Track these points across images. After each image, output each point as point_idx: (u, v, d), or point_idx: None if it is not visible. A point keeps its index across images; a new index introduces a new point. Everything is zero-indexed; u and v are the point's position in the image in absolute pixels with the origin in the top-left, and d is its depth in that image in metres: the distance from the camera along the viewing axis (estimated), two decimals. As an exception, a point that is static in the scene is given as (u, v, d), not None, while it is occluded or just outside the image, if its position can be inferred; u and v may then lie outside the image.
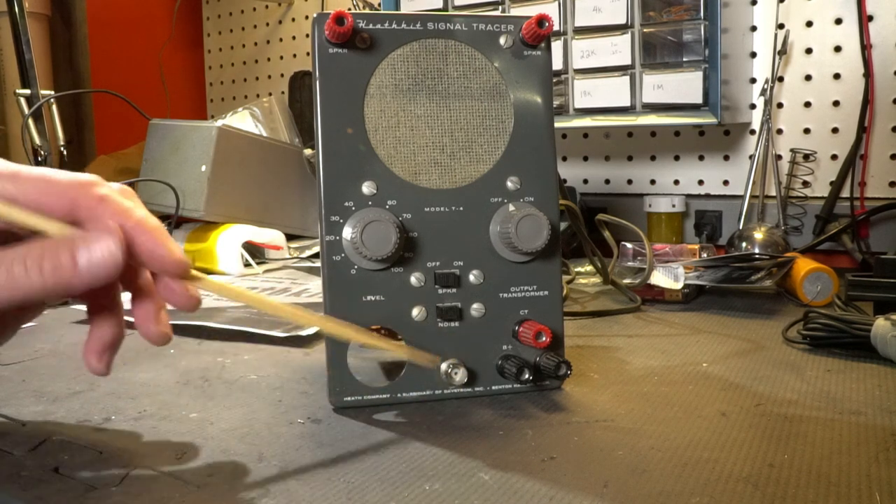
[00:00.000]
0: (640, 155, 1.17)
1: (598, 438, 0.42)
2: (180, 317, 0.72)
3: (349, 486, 0.36)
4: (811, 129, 1.02)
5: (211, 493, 0.36)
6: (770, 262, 0.76)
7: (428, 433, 0.43)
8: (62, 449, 0.41)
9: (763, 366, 0.55)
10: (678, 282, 0.77)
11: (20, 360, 0.60)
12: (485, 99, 0.49)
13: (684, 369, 0.54)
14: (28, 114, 0.88)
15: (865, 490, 0.35)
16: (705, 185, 1.12)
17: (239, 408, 0.48)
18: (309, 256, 1.11)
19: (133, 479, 0.37)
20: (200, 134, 1.06)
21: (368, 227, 0.45)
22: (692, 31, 0.93)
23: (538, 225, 0.47)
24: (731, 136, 1.09)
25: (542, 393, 0.49)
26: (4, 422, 0.46)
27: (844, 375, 0.52)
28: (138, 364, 0.59)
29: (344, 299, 0.47)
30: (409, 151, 0.48)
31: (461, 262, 0.48)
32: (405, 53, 0.48)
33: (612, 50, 0.99)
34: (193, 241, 1.03)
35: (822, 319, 0.59)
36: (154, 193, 1.09)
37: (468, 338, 0.48)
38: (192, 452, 0.40)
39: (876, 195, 0.98)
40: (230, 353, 0.61)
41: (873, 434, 0.41)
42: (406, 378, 0.48)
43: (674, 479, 0.36)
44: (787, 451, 0.39)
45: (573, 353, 0.59)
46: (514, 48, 0.49)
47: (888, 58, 0.95)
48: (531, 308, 0.49)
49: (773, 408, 0.46)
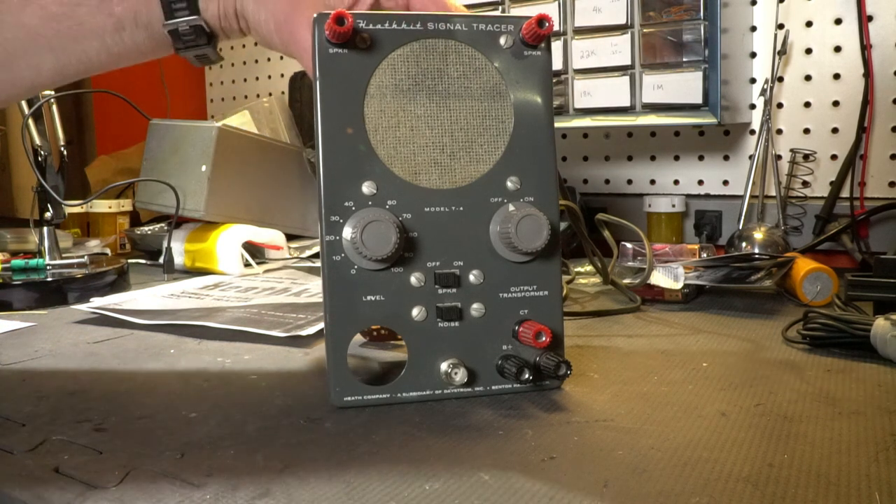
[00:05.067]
0: (640, 155, 1.17)
1: (597, 438, 0.42)
2: (180, 317, 0.72)
3: (349, 486, 0.36)
4: (811, 129, 1.02)
5: (211, 493, 0.36)
6: (770, 262, 0.76)
7: (428, 433, 0.43)
8: (62, 449, 0.41)
9: (763, 366, 0.55)
10: (678, 282, 0.77)
11: (20, 360, 0.60)
12: (485, 99, 0.49)
13: (684, 369, 0.55)
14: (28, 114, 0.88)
15: (865, 490, 0.35)
16: (705, 185, 1.12)
17: (239, 408, 0.48)
18: (309, 256, 1.11)
19: (133, 479, 0.37)
20: (200, 134, 1.06)
21: (368, 227, 0.45)
22: (692, 31, 0.93)
23: (538, 225, 0.47)
24: (730, 136, 1.09)
25: (542, 393, 0.50)
26: (4, 422, 0.46)
27: (844, 375, 0.52)
28: (138, 364, 0.59)
29: (344, 299, 0.47)
30: (409, 151, 0.48)
31: (461, 262, 0.48)
32: (405, 53, 0.48)
33: (612, 50, 0.99)
34: (193, 241, 1.03)
35: (821, 319, 0.59)
36: (154, 193, 1.09)
37: (468, 338, 0.48)
38: (192, 452, 0.40)
39: (876, 195, 0.98)
40: (230, 353, 0.61)
41: (873, 434, 0.41)
42: (406, 378, 0.48)
43: (674, 478, 0.36)
44: (787, 451, 0.39)
45: (573, 353, 0.59)
46: (514, 48, 0.49)
47: (888, 58, 0.95)
48: (531, 308, 0.49)
49: (773, 408, 0.46)
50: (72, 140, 1.46)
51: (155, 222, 1.24)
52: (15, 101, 0.52)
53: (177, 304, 0.79)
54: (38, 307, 0.81)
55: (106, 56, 0.51)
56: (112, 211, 1.24)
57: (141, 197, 1.14)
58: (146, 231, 1.18)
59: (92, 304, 0.78)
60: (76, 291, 0.85)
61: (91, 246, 1.11)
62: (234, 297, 0.83)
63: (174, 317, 0.72)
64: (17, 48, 0.50)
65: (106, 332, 0.69)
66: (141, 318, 0.71)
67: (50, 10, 0.49)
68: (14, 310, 0.80)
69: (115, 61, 0.52)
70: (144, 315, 0.73)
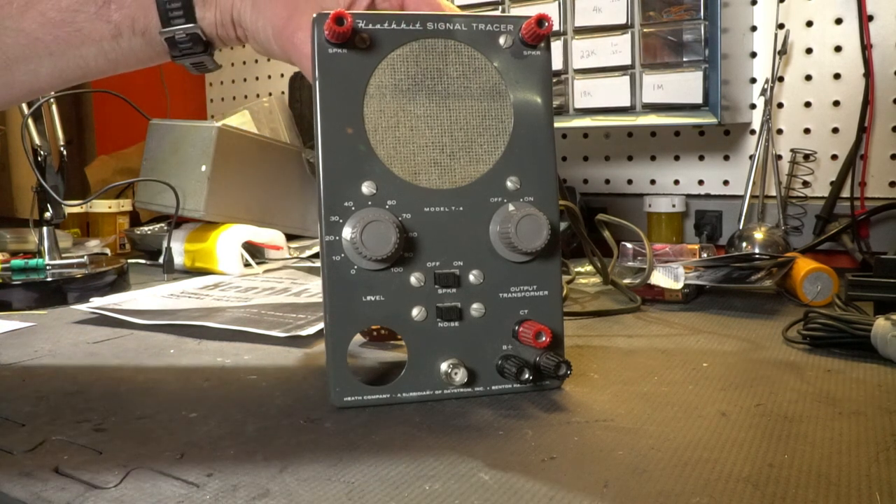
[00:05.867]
0: (640, 155, 1.17)
1: (598, 438, 0.42)
2: (180, 317, 0.72)
3: (349, 486, 0.36)
4: (811, 129, 1.02)
5: (211, 493, 0.36)
6: (770, 262, 0.76)
7: (428, 433, 0.43)
8: (62, 449, 0.41)
9: (763, 366, 0.55)
10: (678, 282, 0.77)
11: (20, 360, 0.60)
12: (484, 99, 0.49)
13: (684, 369, 0.54)
14: (28, 114, 0.88)
15: (865, 490, 0.35)
16: (705, 185, 1.12)
17: (239, 408, 0.48)
18: (309, 256, 1.11)
19: (133, 479, 0.37)
20: (200, 134, 1.06)
21: (368, 227, 0.45)
22: (692, 31, 0.93)
23: (538, 225, 0.47)
24: (731, 136, 1.09)
25: (542, 393, 0.49)
26: (4, 422, 0.46)
27: (844, 375, 0.52)
28: (138, 364, 0.59)
29: (344, 299, 0.47)
30: (408, 151, 0.48)
31: (461, 262, 0.48)
32: (405, 53, 0.48)
33: (612, 50, 0.99)
34: (193, 241, 1.03)
35: (822, 319, 0.59)
36: (154, 193, 1.09)
37: (468, 338, 0.48)
38: (192, 452, 0.40)
39: (876, 195, 0.98)
40: (230, 353, 0.61)
41: (873, 434, 0.41)
42: (406, 378, 0.48)
43: (674, 479, 0.36)
44: (787, 451, 0.39)
45: (573, 353, 0.59)
46: (514, 48, 0.49)
47: (888, 58, 0.95)
48: (531, 308, 0.49)
49: (773, 408, 0.46)
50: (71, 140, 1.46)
51: (155, 222, 1.24)
52: (12, 105, 0.52)
53: (177, 304, 0.79)
54: (38, 307, 0.81)
55: (104, 62, 0.52)
56: (112, 211, 1.24)
57: (141, 197, 1.14)
58: (146, 231, 1.18)
59: (92, 304, 0.78)
60: (76, 291, 0.85)
61: (91, 246, 1.11)
62: (234, 297, 0.83)
63: (174, 317, 0.72)
64: (17, 53, 0.50)
65: (106, 332, 0.69)
66: (141, 318, 0.71)
67: (49, 17, 0.49)
68: (14, 310, 0.80)
69: (112, 67, 0.52)
70: (144, 315, 0.73)
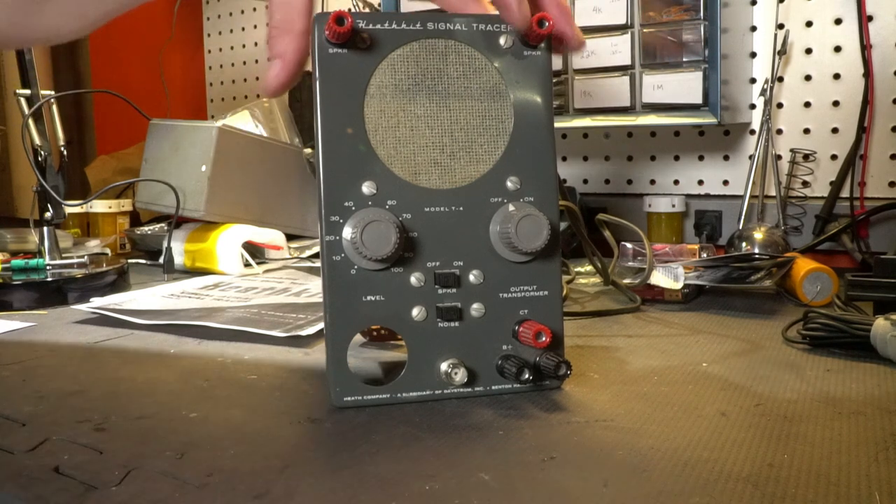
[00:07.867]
0: (640, 155, 1.17)
1: (598, 438, 0.42)
2: (180, 317, 0.72)
3: (349, 486, 0.36)
4: (811, 129, 1.02)
5: (211, 493, 0.36)
6: (770, 262, 0.76)
7: (428, 433, 0.43)
8: (62, 449, 0.41)
9: (763, 366, 0.55)
10: (678, 282, 0.77)
11: (20, 360, 0.60)
12: (485, 99, 0.49)
13: (684, 369, 0.55)
14: (28, 114, 0.88)
15: (865, 490, 0.35)
16: (705, 185, 1.12)
17: (239, 408, 0.48)
18: (309, 256, 1.11)
19: (133, 479, 0.37)
20: (200, 134, 1.06)
21: (368, 227, 0.45)
22: (692, 31, 0.93)
23: (538, 225, 0.47)
24: (730, 136, 1.09)
25: (542, 393, 0.49)
26: (4, 422, 0.46)
27: (844, 375, 0.52)
28: (138, 364, 0.59)
29: (344, 299, 0.47)
30: (409, 151, 0.48)
31: (461, 262, 0.48)
32: (405, 53, 0.48)
33: (612, 50, 0.99)
34: (193, 241, 1.03)
35: (821, 319, 0.59)
36: (154, 193, 1.09)
37: (468, 338, 0.48)
38: (192, 452, 0.40)
39: (876, 195, 0.98)
40: (230, 353, 0.61)
41: (873, 434, 0.41)
42: (406, 378, 0.48)
43: (674, 479, 0.36)
44: (787, 451, 0.39)
45: (573, 353, 0.59)
46: (514, 48, 0.49)
47: (888, 58, 0.95)
48: (531, 308, 0.49)
49: (773, 408, 0.46)
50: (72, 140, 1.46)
51: (155, 222, 1.24)
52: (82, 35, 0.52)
53: (177, 304, 0.79)
54: (38, 307, 0.81)
55: None
56: (112, 211, 1.24)
57: (141, 197, 1.14)
58: (146, 231, 1.18)
59: (92, 304, 0.78)
60: (76, 291, 0.85)
61: (91, 246, 1.11)
62: (234, 297, 0.83)
63: (174, 317, 0.72)
64: None
65: (106, 332, 0.69)
66: (141, 318, 0.71)
67: None
68: (14, 310, 0.80)
69: None
70: (144, 315, 0.73)
